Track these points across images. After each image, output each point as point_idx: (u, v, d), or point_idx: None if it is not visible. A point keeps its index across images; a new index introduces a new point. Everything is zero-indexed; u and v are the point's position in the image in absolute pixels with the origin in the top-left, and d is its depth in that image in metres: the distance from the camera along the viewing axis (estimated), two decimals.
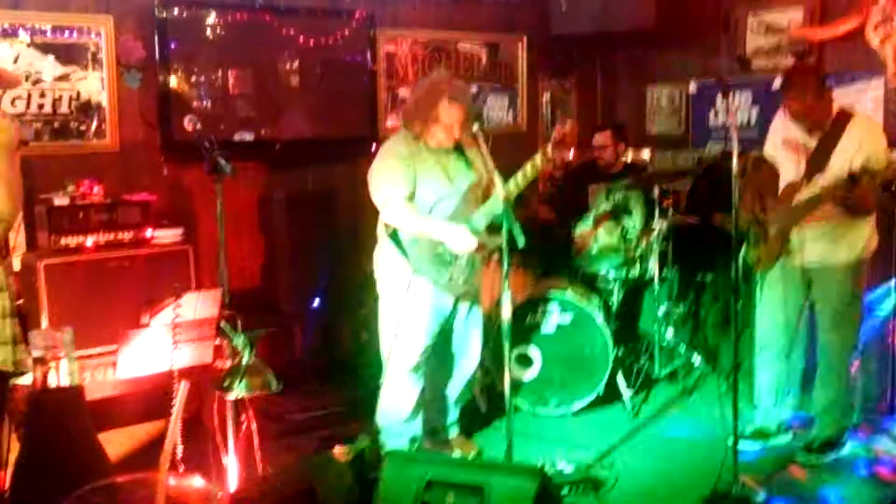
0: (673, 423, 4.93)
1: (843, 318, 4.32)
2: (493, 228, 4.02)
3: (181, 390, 1.41)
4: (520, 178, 4.00)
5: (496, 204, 3.83)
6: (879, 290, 4.81)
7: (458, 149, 4.15)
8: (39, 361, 1.08)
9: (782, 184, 4.36)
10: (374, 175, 4.09)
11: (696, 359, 5.50)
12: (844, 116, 4.20)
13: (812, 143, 4.22)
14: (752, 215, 4.40)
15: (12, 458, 3.38)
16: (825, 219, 4.17)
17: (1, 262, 2.90)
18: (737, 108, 6.15)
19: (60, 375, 1.08)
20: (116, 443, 3.49)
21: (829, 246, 4.24)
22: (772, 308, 4.52)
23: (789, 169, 4.33)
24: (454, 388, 4.46)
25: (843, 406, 4.42)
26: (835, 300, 4.31)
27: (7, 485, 2.58)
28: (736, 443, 3.84)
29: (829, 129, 4.18)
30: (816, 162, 4.17)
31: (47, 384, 1.08)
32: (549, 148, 4.03)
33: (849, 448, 4.42)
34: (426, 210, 4.06)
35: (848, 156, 4.05)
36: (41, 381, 1.07)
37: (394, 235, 4.07)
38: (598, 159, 5.90)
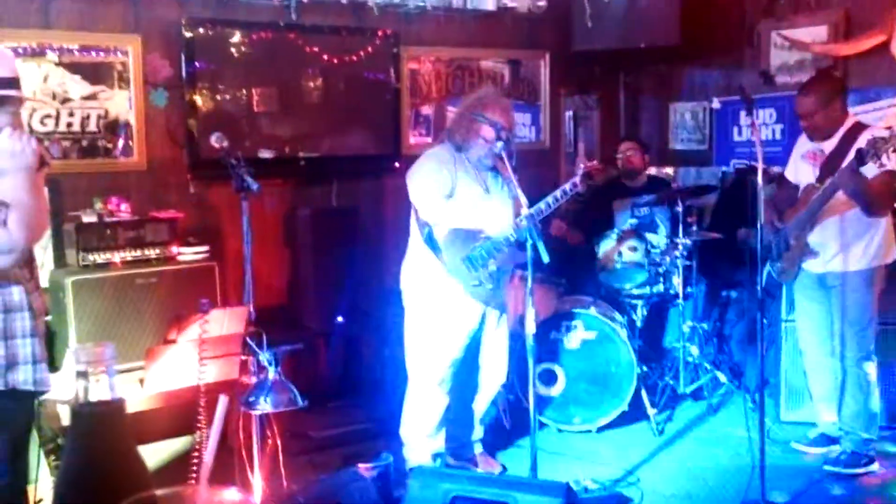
0: (698, 441, 4.89)
1: (856, 327, 4.34)
2: (520, 244, 4.05)
3: (221, 404, 1.42)
4: (550, 201, 4.15)
5: (524, 221, 3.86)
6: None
7: (494, 167, 4.22)
8: (82, 375, 1.09)
9: (801, 192, 4.43)
10: (413, 174, 4.18)
11: (722, 376, 5.46)
12: (859, 127, 4.31)
13: (828, 149, 4.32)
14: (771, 227, 4.44)
15: (42, 473, 3.43)
16: (839, 214, 4.23)
17: (24, 282, 2.90)
18: (761, 125, 6.14)
19: (102, 389, 1.10)
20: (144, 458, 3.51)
21: (844, 250, 4.29)
22: (803, 314, 4.62)
23: (807, 177, 4.43)
24: (480, 405, 4.46)
25: (866, 417, 4.40)
26: (849, 308, 4.35)
27: (51, 498, 2.60)
28: (762, 459, 3.81)
29: (842, 138, 4.28)
30: (831, 166, 4.24)
31: (89, 398, 1.09)
32: (579, 179, 4.20)
33: (875, 465, 4.37)
34: (463, 215, 4.11)
35: None
36: (83, 395, 1.09)
37: (430, 238, 4.10)
38: (627, 164, 5.91)
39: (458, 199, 4.12)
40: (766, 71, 6.23)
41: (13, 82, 2.89)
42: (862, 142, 4.12)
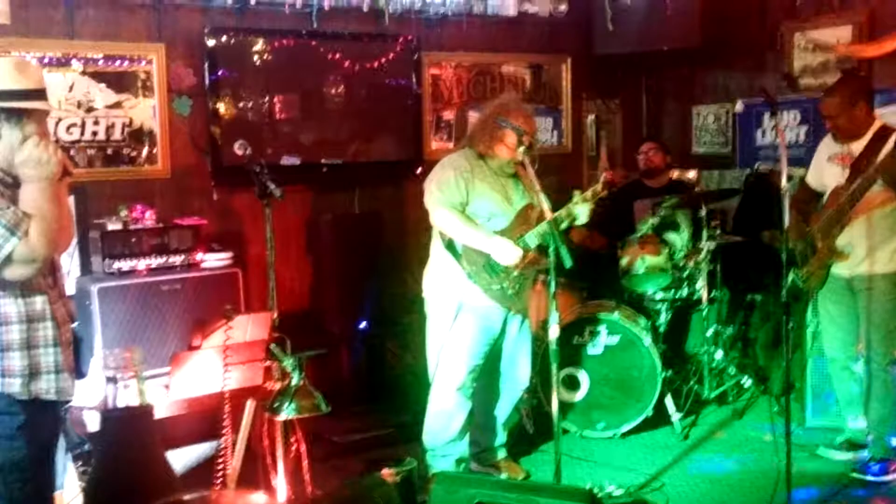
0: (723, 446, 4.86)
1: (885, 330, 4.29)
2: (542, 249, 4.04)
3: (248, 408, 1.43)
4: (571, 208, 4.14)
5: (546, 227, 3.85)
6: None
7: (515, 174, 4.21)
8: (111, 381, 1.10)
9: (827, 194, 4.38)
10: (430, 181, 4.18)
11: (746, 380, 5.42)
12: (887, 130, 4.26)
13: (856, 151, 4.27)
14: (798, 233, 4.39)
15: (69, 479, 3.46)
16: (869, 216, 4.18)
17: (47, 292, 2.91)
18: (785, 127, 6.10)
19: (130, 394, 1.11)
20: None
21: (871, 253, 4.25)
22: (829, 320, 4.56)
23: (835, 178, 4.37)
24: (503, 410, 4.45)
25: (894, 422, 4.35)
26: (875, 312, 4.30)
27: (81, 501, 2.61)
28: (789, 465, 3.77)
29: (871, 140, 4.23)
30: (859, 167, 4.20)
31: (117, 403, 1.10)
32: (601, 186, 4.16)
33: None
34: (482, 221, 4.11)
35: None
36: (112, 400, 1.10)
37: (450, 245, 4.11)
38: (648, 163, 5.89)
39: (475, 212, 4.11)
40: (790, 73, 6.19)
41: (40, 93, 2.92)
42: (891, 144, 4.08)
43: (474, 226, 4.08)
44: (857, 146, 4.27)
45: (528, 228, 4.11)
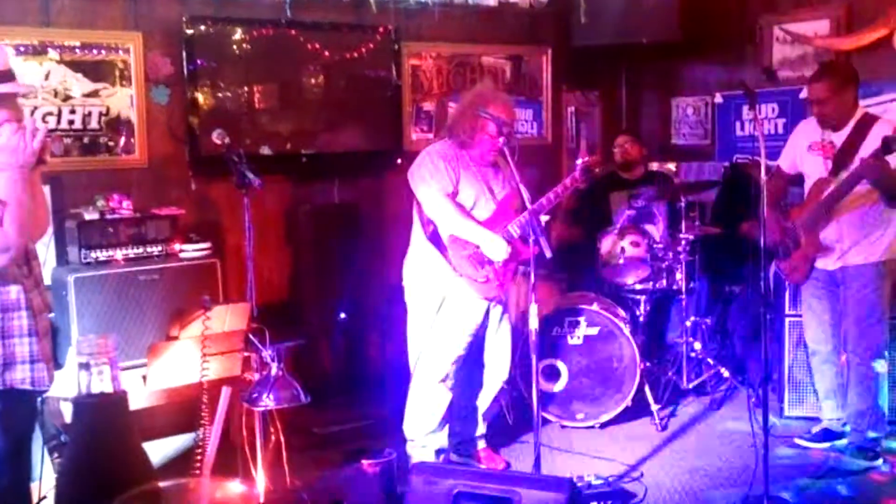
0: (701, 436, 4.89)
1: (867, 322, 4.32)
2: (523, 240, 4.04)
3: (223, 395, 1.41)
4: (551, 196, 4.14)
5: (526, 216, 3.86)
6: None
7: (495, 164, 4.21)
8: (84, 367, 1.08)
9: (808, 185, 4.38)
10: (417, 171, 4.15)
11: (725, 371, 5.46)
12: (869, 118, 4.27)
13: (839, 141, 4.25)
14: (779, 226, 4.40)
15: (45, 470, 3.43)
16: (855, 208, 4.18)
17: (22, 281, 2.88)
18: (763, 119, 6.13)
19: (104, 381, 1.09)
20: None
21: (854, 245, 4.26)
22: (811, 313, 4.58)
23: (817, 170, 4.36)
24: (483, 401, 4.45)
25: (874, 415, 4.39)
26: (859, 303, 4.32)
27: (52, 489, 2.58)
28: (766, 454, 3.80)
29: (854, 129, 4.23)
30: (843, 158, 4.20)
31: (91, 390, 1.08)
32: (579, 173, 4.18)
33: (880, 461, 4.36)
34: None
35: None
36: (85, 387, 1.08)
37: (433, 236, 4.10)
38: (624, 156, 5.91)
39: (461, 196, 4.11)
40: (768, 66, 6.22)
41: (5, 75, 2.87)
42: (876, 133, 4.09)
43: (467, 215, 4.07)
44: (839, 136, 4.27)
45: (509, 218, 4.11)
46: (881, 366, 4.34)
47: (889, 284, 4.33)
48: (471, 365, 4.35)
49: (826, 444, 4.57)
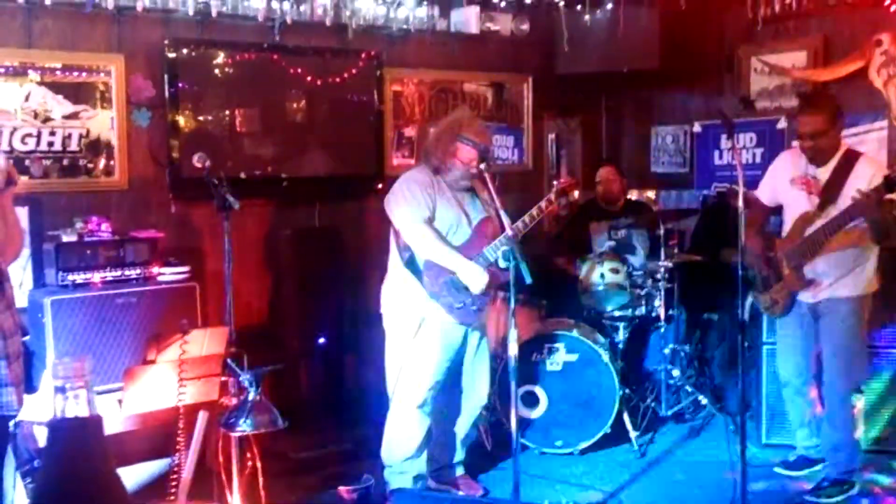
0: (680, 464, 4.89)
1: (845, 356, 4.32)
2: (499, 266, 4.04)
3: (200, 420, 1.40)
4: (526, 219, 4.14)
5: (505, 241, 3.86)
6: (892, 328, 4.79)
7: (472, 189, 4.23)
8: (60, 391, 1.07)
9: (790, 220, 4.38)
10: (393, 198, 4.16)
11: (703, 398, 5.47)
12: (853, 155, 4.26)
13: (823, 176, 4.25)
14: (762, 256, 4.40)
15: (18, 496, 3.38)
16: (844, 244, 4.16)
17: None
18: (742, 148, 6.18)
19: (80, 406, 1.07)
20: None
21: (837, 281, 4.25)
22: (786, 346, 4.58)
23: (799, 204, 4.34)
24: (461, 427, 4.43)
25: (849, 448, 4.39)
26: (837, 336, 4.32)
27: None
28: (744, 482, 3.80)
29: (839, 164, 4.22)
30: (829, 194, 4.19)
31: (66, 414, 1.07)
32: (554, 195, 4.22)
33: (856, 489, 4.37)
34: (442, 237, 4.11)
35: (861, 188, 4.00)
36: (60, 411, 1.06)
37: (410, 262, 4.10)
38: (606, 192, 5.95)
39: (436, 221, 4.13)
40: (746, 96, 6.29)
41: None
42: (860, 170, 4.09)
43: (445, 242, 4.08)
44: (823, 171, 4.25)
45: (485, 243, 4.12)
46: (858, 401, 4.35)
47: (867, 316, 4.35)
48: (449, 391, 4.34)
49: (804, 472, 4.58)
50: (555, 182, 4.30)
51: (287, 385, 5.25)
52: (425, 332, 4.12)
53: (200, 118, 5.29)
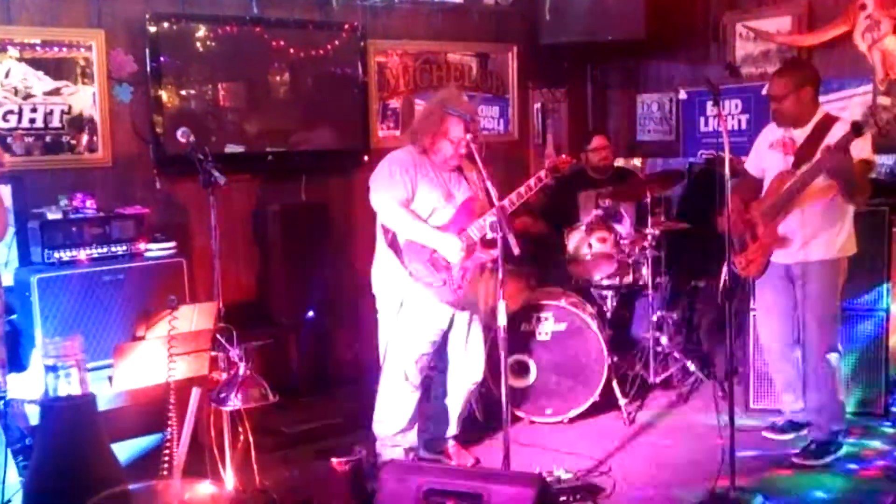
0: (669, 430, 4.93)
1: (822, 318, 4.37)
2: (489, 241, 4.03)
3: (193, 396, 1.41)
4: (514, 197, 4.18)
5: (492, 216, 3.86)
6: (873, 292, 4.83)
7: (458, 168, 4.23)
8: (51, 370, 1.07)
9: (768, 181, 4.41)
10: (374, 179, 4.18)
11: (691, 365, 5.50)
12: (830, 119, 4.30)
13: (799, 138, 4.30)
14: (741, 218, 4.43)
15: (10, 474, 3.38)
16: (816, 201, 4.21)
17: None
18: (727, 115, 6.18)
19: (72, 384, 1.07)
20: None
21: (811, 242, 4.29)
22: (766, 308, 4.62)
23: (776, 165, 4.39)
24: (455, 402, 4.45)
25: (832, 409, 4.43)
26: (813, 299, 4.36)
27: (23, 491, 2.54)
28: (732, 448, 3.84)
29: (815, 127, 4.27)
30: (804, 153, 4.24)
31: (58, 393, 1.07)
32: (544, 173, 4.26)
33: (843, 451, 4.42)
34: (423, 217, 4.11)
35: None
36: (52, 390, 1.06)
37: (392, 242, 4.10)
38: (601, 160, 5.94)
39: (418, 206, 4.12)
40: (731, 62, 6.28)
41: None
42: (836, 131, 4.12)
43: (421, 221, 4.08)
44: (800, 133, 4.31)
45: (471, 221, 4.12)
46: (835, 359, 4.39)
47: (842, 281, 4.39)
48: (443, 365, 4.36)
49: (791, 436, 4.63)
50: (546, 160, 4.31)
51: (277, 360, 5.26)
52: (408, 310, 4.14)
53: (183, 93, 5.25)
